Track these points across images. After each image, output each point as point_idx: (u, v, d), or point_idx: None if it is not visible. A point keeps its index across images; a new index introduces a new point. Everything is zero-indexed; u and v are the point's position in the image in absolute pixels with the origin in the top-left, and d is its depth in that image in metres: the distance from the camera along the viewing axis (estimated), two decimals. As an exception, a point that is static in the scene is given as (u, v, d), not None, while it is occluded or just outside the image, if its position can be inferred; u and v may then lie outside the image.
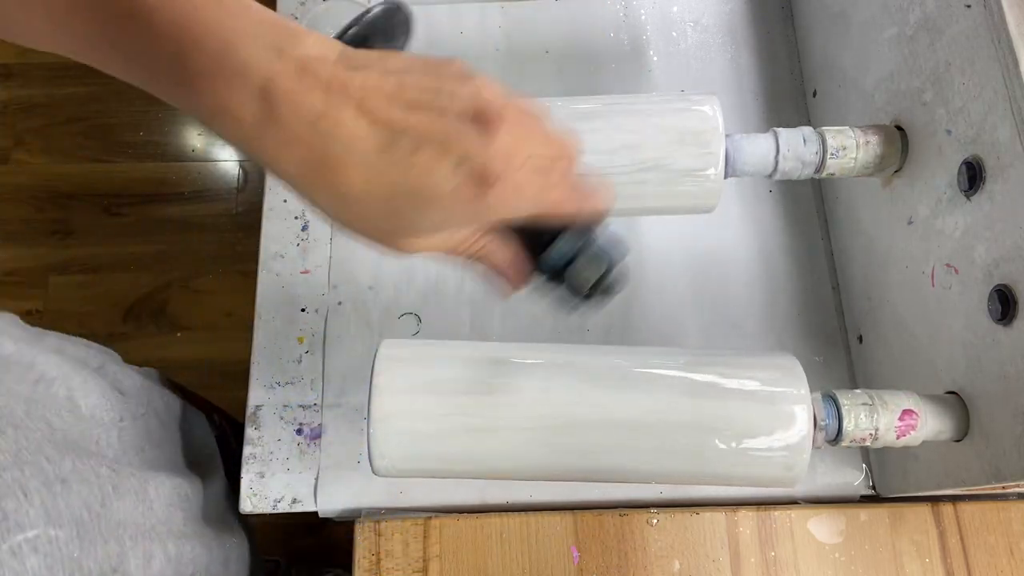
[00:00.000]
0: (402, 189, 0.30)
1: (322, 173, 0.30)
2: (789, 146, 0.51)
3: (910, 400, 0.46)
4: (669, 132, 0.50)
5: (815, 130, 0.52)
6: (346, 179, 0.30)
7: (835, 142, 0.52)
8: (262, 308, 0.66)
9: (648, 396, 0.45)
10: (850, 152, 0.52)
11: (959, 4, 0.47)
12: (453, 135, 0.30)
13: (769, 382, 0.45)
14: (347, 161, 0.29)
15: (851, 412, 0.45)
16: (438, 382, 0.45)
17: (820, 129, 0.52)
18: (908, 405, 0.46)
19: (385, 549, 0.58)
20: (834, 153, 0.52)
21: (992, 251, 0.45)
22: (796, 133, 0.52)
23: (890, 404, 0.46)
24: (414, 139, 0.29)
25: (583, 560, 0.58)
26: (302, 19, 0.71)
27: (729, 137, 0.51)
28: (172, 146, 1.57)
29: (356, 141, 0.29)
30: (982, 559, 0.58)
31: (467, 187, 0.30)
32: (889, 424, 0.45)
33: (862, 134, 0.52)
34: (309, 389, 0.64)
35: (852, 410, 0.45)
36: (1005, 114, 0.43)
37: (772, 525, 0.59)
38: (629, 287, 0.68)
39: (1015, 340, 0.43)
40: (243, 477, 0.61)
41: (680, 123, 0.51)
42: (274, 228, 0.68)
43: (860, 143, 0.52)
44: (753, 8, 0.77)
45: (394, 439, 0.44)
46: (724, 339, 0.66)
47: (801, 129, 0.52)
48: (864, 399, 0.46)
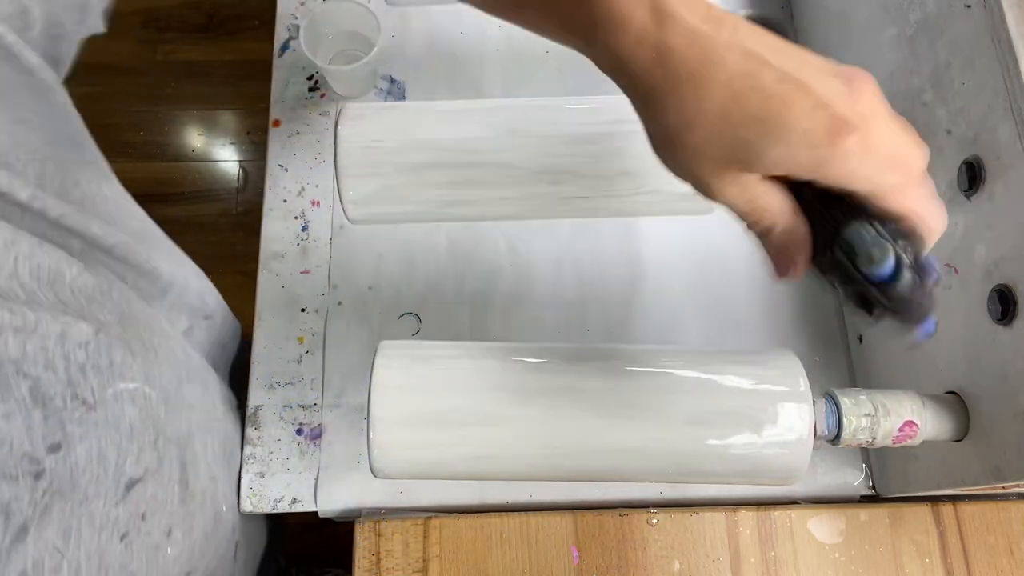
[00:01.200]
0: (757, 116, 0.31)
1: (688, 86, 0.32)
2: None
3: (913, 405, 0.46)
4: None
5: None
6: (708, 95, 0.31)
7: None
8: (262, 308, 0.66)
9: (650, 423, 0.45)
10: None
11: (959, 4, 0.47)
12: (820, 80, 0.31)
13: (769, 379, 0.45)
14: (714, 78, 0.31)
15: (851, 415, 0.45)
16: (438, 413, 0.44)
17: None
18: (909, 416, 0.46)
19: (385, 549, 0.58)
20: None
21: (992, 251, 0.45)
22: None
23: (892, 414, 0.45)
24: (780, 73, 0.31)
25: (583, 560, 0.58)
26: (302, 19, 0.72)
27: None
28: (172, 146, 1.57)
29: (728, 63, 0.31)
30: (982, 559, 0.58)
31: (821, 131, 0.31)
32: (888, 432, 0.45)
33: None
34: (309, 389, 0.64)
35: (852, 413, 0.46)
36: (1005, 114, 0.43)
37: (772, 525, 0.59)
38: (629, 287, 0.68)
39: (1015, 340, 0.43)
40: (243, 477, 0.61)
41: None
42: (274, 228, 0.68)
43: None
44: (753, 8, 0.77)
45: (394, 465, 0.45)
46: (724, 339, 0.66)
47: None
48: (867, 408, 0.46)
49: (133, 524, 0.39)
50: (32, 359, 0.32)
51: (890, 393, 0.47)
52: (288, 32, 0.74)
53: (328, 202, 0.69)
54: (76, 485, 0.34)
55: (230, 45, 1.63)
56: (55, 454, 0.33)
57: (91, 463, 0.35)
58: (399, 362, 0.46)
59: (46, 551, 0.33)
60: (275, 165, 0.70)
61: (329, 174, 0.69)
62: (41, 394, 0.32)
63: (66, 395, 0.34)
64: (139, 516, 0.40)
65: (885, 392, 0.47)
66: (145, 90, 1.59)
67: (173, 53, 1.62)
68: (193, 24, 1.64)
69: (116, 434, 0.37)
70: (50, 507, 0.33)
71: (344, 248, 0.68)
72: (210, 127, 1.59)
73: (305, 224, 0.68)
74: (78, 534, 0.35)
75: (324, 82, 0.73)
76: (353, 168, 0.50)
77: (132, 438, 0.39)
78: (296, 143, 0.71)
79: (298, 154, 0.71)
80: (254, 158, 1.57)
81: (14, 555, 0.31)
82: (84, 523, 0.36)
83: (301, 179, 0.70)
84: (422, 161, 0.51)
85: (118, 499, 0.38)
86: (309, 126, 0.71)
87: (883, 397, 0.46)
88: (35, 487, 0.32)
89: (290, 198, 0.69)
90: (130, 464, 0.38)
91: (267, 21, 0.75)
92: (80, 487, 0.35)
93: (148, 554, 0.42)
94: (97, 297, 0.39)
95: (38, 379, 0.32)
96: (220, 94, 1.60)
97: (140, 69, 1.60)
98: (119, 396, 0.38)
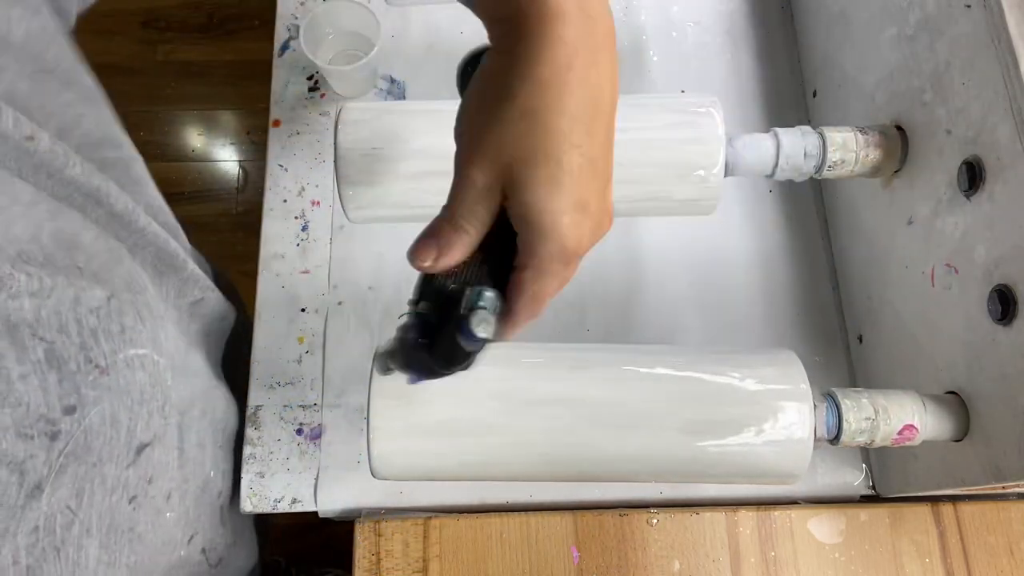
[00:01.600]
0: (553, 163, 0.34)
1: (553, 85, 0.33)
2: (789, 146, 0.51)
3: (913, 406, 0.46)
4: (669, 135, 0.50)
5: (815, 130, 0.52)
6: (568, 105, 0.33)
7: (835, 142, 0.52)
8: (262, 308, 0.66)
9: (650, 427, 0.45)
10: (850, 152, 0.52)
11: (959, 4, 0.47)
12: (596, 186, 0.35)
13: (770, 378, 0.45)
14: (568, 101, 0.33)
15: (851, 416, 0.46)
16: (437, 423, 0.45)
17: (820, 129, 0.52)
18: (910, 419, 0.46)
19: (385, 549, 0.58)
20: (834, 153, 0.52)
21: (992, 251, 0.45)
22: (796, 133, 0.52)
23: (892, 415, 0.45)
24: (587, 148, 0.34)
25: (583, 560, 0.58)
26: (302, 19, 0.72)
27: (729, 137, 0.51)
28: (172, 146, 1.57)
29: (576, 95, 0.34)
30: (982, 559, 0.58)
31: (563, 231, 0.34)
32: (888, 433, 0.46)
33: (862, 134, 0.52)
34: (309, 389, 0.64)
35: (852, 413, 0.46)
36: (1005, 114, 0.43)
37: (772, 525, 0.59)
38: (629, 287, 0.68)
39: (1015, 340, 0.43)
40: (243, 477, 0.61)
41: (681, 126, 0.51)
42: (274, 228, 0.68)
43: (860, 143, 0.52)
44: (753, 8, 0.77)
45: (395, 472, 0.46)
46: (724, 339, 0.66)
47: (801, 129, 0.52)
48: (867, 410, 0.46)
49: (141, 487, 0.40)
50: (47, 323, 0.32)
51: (890, 393, 0.47)
52: (288, 32, 0.74)
53: (328, 202, 0.69)
54: (90, 448, 0.35)
55: (230, 45, 1.62)
56: (70, 416, 0.34)
57: (104, 426, 0.36)
58: (396, 400, 0.45)
59: (59, 510, 0.34)
60: (275, 165, 0.70)
61: (329, 174, 0.69)
62: (56, 357, 0.33)
63: (80, 359, 0.34)
64: (147, 480, 0.41)
65: (885, 392, 0.47)
66: (145, 90, 1.58)
67: (173, 53, 1.62)
68: (193, 24, 1.64)
69: (128, 399, 0.38)
70: (65, 467, 0.34)
71: (344, 248, 0.68)
72: (210, 127, 1.59)
73: (305, 224, 0.68)
74: (91, 495, 0.36)
75: (324, 82, 0.73)
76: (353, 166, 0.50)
77: (142, 403, 0.39)
78: (296, 143, 0.71)
79: (298, 154, 0.71)
80: (254, 158, 1.57)
81: (28, 512, 0.32)
82: (96, 485, 0.36)
83: (301, 179, 0.70)
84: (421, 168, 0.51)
85: (129, 462, 0.39)
86: (309, 126, 0.71)
87: (883, 398, 0.46)
88: (51, 447, 0.33)
89: (290, 198, 0.69)
90: (140, 429, 0.39)
91: (267, 21, 0.75)
92: (94, 450, 0.35)
93: (152, 517, 0.43)
94: (110, 263, 0.39)
95: (53, 343, 0.33)
96: (220, 94, 1.60)
97: (140, 69, 1.60)
98: (130, 362, 0.39)
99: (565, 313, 0.66)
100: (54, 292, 0.33)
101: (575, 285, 0.68)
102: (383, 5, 0.75)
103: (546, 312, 0.66)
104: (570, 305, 0.67)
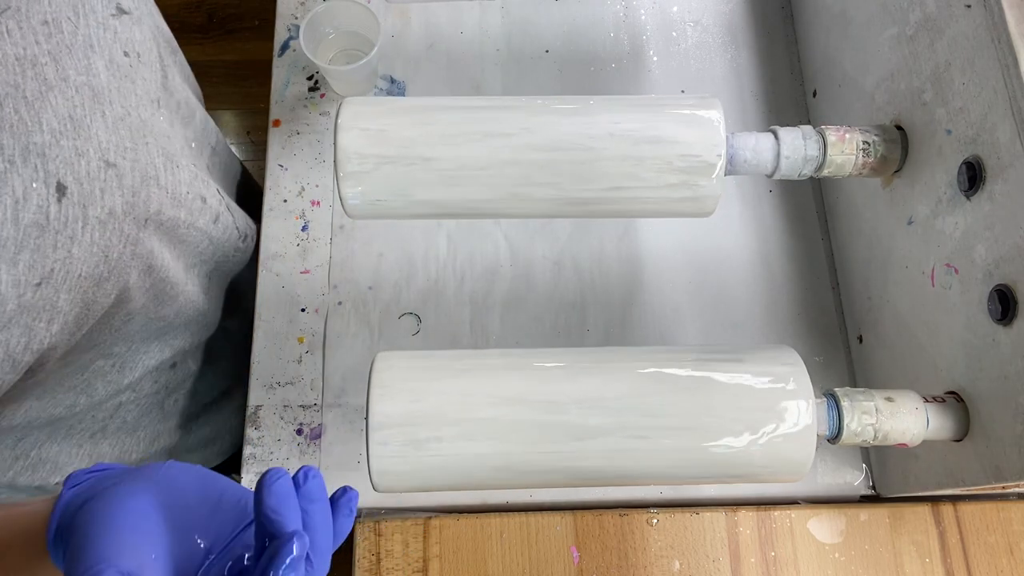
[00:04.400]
0: None
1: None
2: (789, 145, 0.51)
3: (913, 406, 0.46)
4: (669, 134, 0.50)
5: (815, 129, 0.52)
6: None
7: (835, 141, 0.52)
8: (262, 308, 0.66)
9: (651, 429, 0.45)
10: (850, 152, 0.52)
11: (959, 4, 0.47)
12: None
13: (771, 376, 0.45)
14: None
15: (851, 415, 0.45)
16: (437, 436, 0.44)
17: (820, 128, 0.52)
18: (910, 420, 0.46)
19: (385, 549, 0.58)
20: (834, 153, 0.51)
21: (992, 251, 0.45)
22: (796, 132, 0.52)
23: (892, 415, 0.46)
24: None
25: (583, 560, 0.58)
26: (302, 19, 0.72)
27: (729, 135, 0.51)
28: (172, 146, 1.57)
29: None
30: (982, 559, 0.58)
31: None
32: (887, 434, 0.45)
33: (862, 134, 0.52)
34: (309, 389, 0.64)
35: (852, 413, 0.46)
36: (1005, 114, 0.43)
37: (772, 525, 0.59)
38: (629, 287, 0.68)
39: (1015, 340, 0.43)
40: (243, 477, 0.61)
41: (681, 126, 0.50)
42: (274, 228, 0.68)
43: (860, 143, 0.52)
44: (753, 8, 0.77)
45: (395, 487, 0.45)
46: (724, 339, 0.66)
47: (801, 128, 0.52)
48: (868, 411, 0.46)
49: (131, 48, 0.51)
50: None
51: (890, 393, 0.47)
52: (288, 32, 0.74)
53: (328, 202, 0.69)
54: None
55: (230, 45, 1.62)
56: None
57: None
58: (395, 417, 0.45)
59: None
60: (275, 165, 0.70)
61: (329, 174, 0.69)
62: None
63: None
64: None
65: (885, 392, 0.47)
66: (145, 90, 1.58)
67: (173, 53, 1.62)
68: (193, 24, 1.63)
69: None
70: None
71: (344, 248, 0.68)
72: (210, 127, 1.59)
73: (305, 224, 0.68)
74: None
75: (324, 82, 0.73)
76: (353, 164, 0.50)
77: None
78: (296, 143, 0.71)
79: (298, 154, 0.71)
80: (254, 158, 1.57)
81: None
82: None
83: (301, 179, 0.70)
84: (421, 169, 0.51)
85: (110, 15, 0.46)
86: (309, 126, 0.71)
87: (883, 398, 0.46)
88: None
89: (290, 198, 0.69)
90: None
91: (267, 21, 0.75)
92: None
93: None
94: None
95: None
96: (220, 94, 1.60)
97: (140, 69, 1.60)
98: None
99: (565, 313, 0.67)
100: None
101: (575, 285, 0.68)
102: (383, 5, 0.75)
103: (546, 312, 0.66)
104: (570, 305, 0.67)
